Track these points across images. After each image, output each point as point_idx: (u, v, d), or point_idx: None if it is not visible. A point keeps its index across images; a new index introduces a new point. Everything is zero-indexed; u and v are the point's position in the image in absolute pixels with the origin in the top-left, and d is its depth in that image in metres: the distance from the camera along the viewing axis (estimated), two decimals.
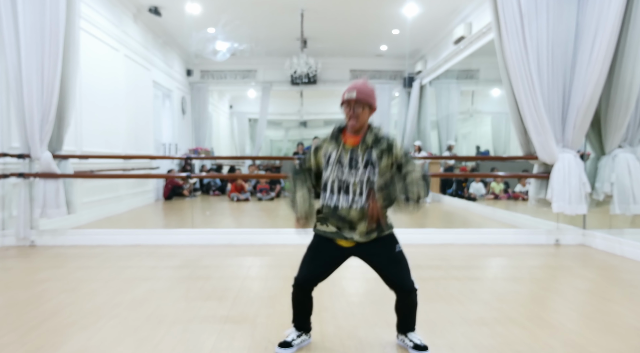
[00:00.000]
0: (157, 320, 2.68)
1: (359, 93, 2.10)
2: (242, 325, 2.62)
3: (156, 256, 4.48)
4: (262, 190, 10.38)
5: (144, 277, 3.66)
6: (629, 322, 2.65)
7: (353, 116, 2.12)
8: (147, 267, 4.02)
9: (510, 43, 4.79)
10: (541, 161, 4.97)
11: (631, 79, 4.52)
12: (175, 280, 3.60)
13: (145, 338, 2.41)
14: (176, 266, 4.08)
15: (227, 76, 12.60)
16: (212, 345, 2.34)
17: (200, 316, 2.75)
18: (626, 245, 4.47)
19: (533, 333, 2.49)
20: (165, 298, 3.10)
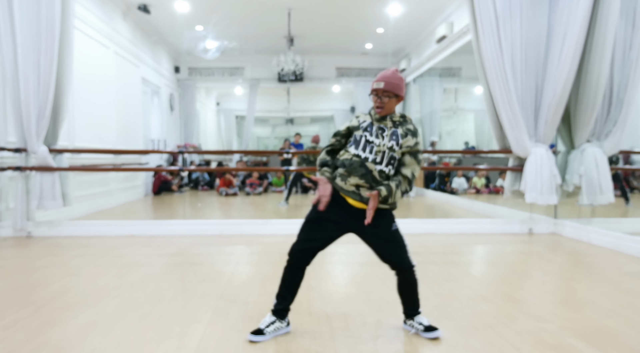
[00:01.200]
0: (156, 298, 2.91)
1: (387, 84, 2.24)
2: (236, 302, 2.85)
3: (151, 245, 4.69)
4: (251, 185, 10.59)
5: (140, 263, 3.87)
6: (585, 297, 2.94)
7: (380, 104, 2.26)
8: (143, 255, 4.23)
9: (487, 43, 5.08)
10: (515, 154, 5.28)
11: (597, 77, 4.83)
12: (171, 266, 3.82)
13: (147, 313, 2.64)
14: (170, 253, 4.30)
15: (214, 73, 12.74)
16: (209, 318, 2.57)
17: (197, 295, 2.98)
18: (592, 233, 4.79)
19: (499, 306, 2.77)
20: (162, 281, 3.32)
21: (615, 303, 2.81)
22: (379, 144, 2.23)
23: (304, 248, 2.32)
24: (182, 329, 2.41)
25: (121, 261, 3.95)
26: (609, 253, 4.28)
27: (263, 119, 16.95)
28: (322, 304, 2.83)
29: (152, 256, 4.17)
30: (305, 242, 2.32)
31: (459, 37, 8.23)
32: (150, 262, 3.93)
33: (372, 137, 2.25)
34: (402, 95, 2.29)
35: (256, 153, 14.82)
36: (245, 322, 2.53)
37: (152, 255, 4.22)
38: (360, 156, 2.23)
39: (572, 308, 2.73)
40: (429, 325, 2.34)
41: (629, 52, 4.98)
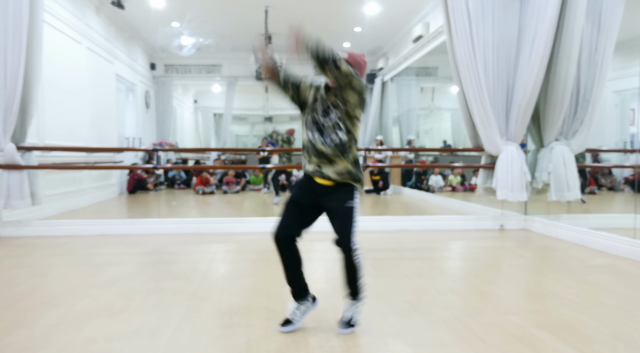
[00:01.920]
0: (128, 297, 2.89)
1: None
2: (209, 299, 2.85)
3: (123, 244, 4.64)
4: (228, 183, 10.54)
5: (112, 262, 3.83)
6: (549, 289, 3.03)
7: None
8: (115, 254, 4.19)
9: (460, 44, 5.17)
10: (487, 152, 5.38)
11: (565, 77, 4.96)
12: (144, 265, 3.79)
13: (118, 312, 2.62)
14: (144, 252, 4.26)
15: (191, 70, 12.63)
16: (182, 316, 2.57)
17: (170, 293, 2.97)
18: (560, 228, 4.93)
19: (468, 300, 2.84)
20: (135, 280, 3.29)
21: (577, 295, 2.90)
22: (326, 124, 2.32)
23: (279, 226, 2.36)
24: (153, 327, 2.40)
25: (92, 261, 3.90)
26: (575, 248, 4.41)
27: (242, 117, 16.87)
28: None
29: (124, 255, 4.13)
30: (283, 222, 2.36)
31: (435, 37, 8.33)
32: (122, 261, 3.89)
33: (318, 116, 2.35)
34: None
35: (232, 150, 14.72)
36: (217, 318, 2.53)
37: (124, 254, 4.18)
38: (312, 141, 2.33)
39: (537, 301, 2.81)
40: (348, 319, 2.37)
41: (595, 54, 5.13)
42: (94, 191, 8.52)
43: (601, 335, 2.27)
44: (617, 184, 8.40)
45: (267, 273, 3.46)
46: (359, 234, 2.33)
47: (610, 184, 8.34)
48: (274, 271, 3.53)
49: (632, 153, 7.56)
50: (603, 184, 8.48)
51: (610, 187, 8.30)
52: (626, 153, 7.72)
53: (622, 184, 8.40)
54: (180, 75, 12.61)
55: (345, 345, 2.20)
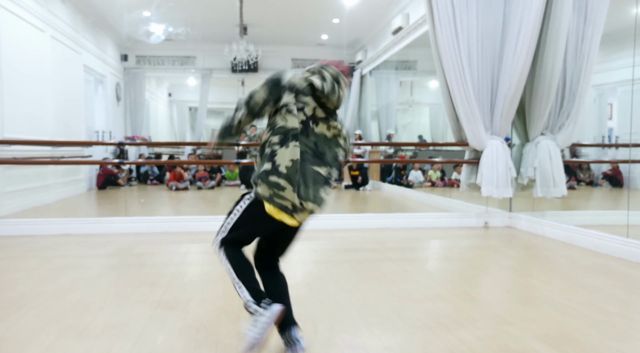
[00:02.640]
0: (83, 307, 2.58)
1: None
2: (174, 309, 2.57)
3: (86, 245, 4.30)
4: (202, 179, 10.18)
5: (71, 266, 3.51)
6: (544, 294, 2.84)
7: None
8: (76, 256, 3.85)
9: (443, 34, 4.95)
10: (471, 147, 5.20)
11: (552, 69, 4.80)
12: (106, 268, 3.47)
13: (69, 326, 2.32)
14: (107, 254, 3.94)
15: (164, 61, 12.19)
16: (142, 330, 2.28)
17: (131, 302, 2.68)
18: (546, 226, 4.78)
19: (458, 307, 2.62)
20: (93, 286, 2.98)
21: (574, 301, 2.71)
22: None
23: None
24: (108, 344, 2.11)
25: (49, 264, 3.57)
26: (563, 247, 4.26)
27: (218, 111, 16.46)
28: None
29: (85, 258, 3.80)
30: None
31: (415, 28, 8.13)
32: (82, 264, 3.57)
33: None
34: None
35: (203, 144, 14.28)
36: (182, 333, 2.26)
37: (86, 257, 3.84)
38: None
39: (533, 308, 2.61)
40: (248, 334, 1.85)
41: (581, 45, 4.97)
42: (60, 187, 8.07)
43: (610, 350, 2.08)
44: (595, 179, 8.39)
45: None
46: (337, 232, 2.08)
47: (589, 179, 8.31)
48: None
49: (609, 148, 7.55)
50: (582, 179, 8.44)
51: (588, 182, 8.27)
52: (604, 148, 7.70)
53: (600, 179, 8.39)
54: (152, 67, 12.15)
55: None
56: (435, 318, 2.43)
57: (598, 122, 7.52)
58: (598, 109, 7.37)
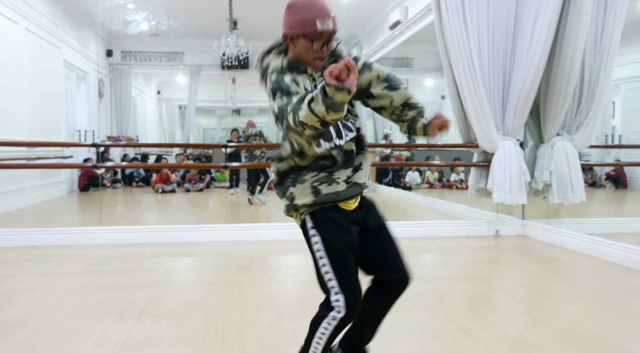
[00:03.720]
0: (30, 349, 2.10)
1: (335, 21, 1.47)
2: (142, 349, 2.10)
3: (53, 260, 3.81)
4: (191, 181, 9.68)
5: (29, 289, 3.02)
6: (587, 327, 2.39)
7: (324, 53, 1.48)
8: (37, 275, 3.36)
9: (451, 24, 4.50)
10: (482, 149, 4.75)
11: (571, 64, 4.37)
12: (70, 291, 2.98)
13: None
14: (75, 272, 3.45)
15: (151, 57, 11.66)
16: None
17: (90, 341, 2.20)
18: (566, 236, 4.34)
19: (488, 345, 2.17)
20: (49, 317, 2.50)
21: (627, 338, 2.26)
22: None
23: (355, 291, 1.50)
24: None
25: (4, 286, 3.08)
26: (589, 261, 3.82)
27: (209, 109, 15.96)
28: (260, 350, 2.13)
29: (48, 277, 3.31)
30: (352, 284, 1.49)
31: (414, 22, 7.69)
32: (43, 286, 3.08)
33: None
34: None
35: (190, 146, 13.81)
36: None
37: (49, 275, 3.35)
38: (339, 146, 1.50)
39: (580, 347, 2.16)
40: None
41: (601, 37, 4.55)
42: (37, 190, 7.55)
43: None
44: (598, 180, 8.04)
45: (226, 304, 2.72)
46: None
47: (592, 180, 7.96)
48: (235, 300, 2.79)
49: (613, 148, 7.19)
50: (585, 180, 8.07)
51: (591, 183, 7.92)
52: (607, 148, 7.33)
53: (604, 180, 8.03)
54: (139, 63, 11.62)
55: None
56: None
57: (601, 120, 7.16)
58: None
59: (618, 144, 7.29)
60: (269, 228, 4.73)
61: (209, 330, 2.34)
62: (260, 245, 4.37)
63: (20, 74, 6.98)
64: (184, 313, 2.58)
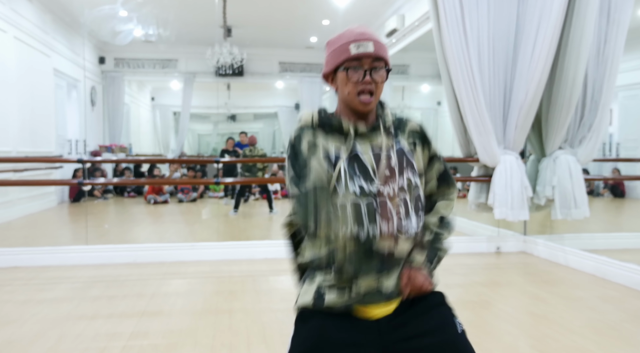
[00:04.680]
0: None
1: (378, 46, 1.20)
2: None
3: (34, 284, 3.62)
4: (184, 190, 9.49)
5: (5, 321, 2.83)
6: None
7: (371, 85, 1.18)
8: (16, 303, 3.17)
9: (450, 33, 4.35)
10: (482, 162, 4.60)
11: (574, 76, 4.23)
12: (48, 322, 2.80)
13: None
14: (56, 298, 3.26)
15: (144, 64, 11.50)
16: None
17: None
18: (570, 254, 4.19)
19: None
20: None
21: None
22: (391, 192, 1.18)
23: None
24: None
25: None
26: (596, 283, 3.67)
27: (203, 115, 15.80)
28: None
29: (27, 305, 3.12)
30: None
31: (411, 30, 7.56)
32: (20, 316, 2.89)
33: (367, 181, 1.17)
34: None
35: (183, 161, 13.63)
36: None
37: (28, 303, 3.17)
38: (359, 236, 1.16)
39: None
40: None
41: (604, 48, 4.42)
42: (25, 202, 7.35)
43: None
44: (595, 188, 7.92)
45: (215, 338, 2.54)
46: None
47: (589, 188, 7.83)
48: (224, 332, 2.62)
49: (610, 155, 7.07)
50: None
51: (589, 191, 7.80)
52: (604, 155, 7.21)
53: (602, 189, 7.92)
54: (132, 70, 11.45)
55: None
56: None
57: None
58: None
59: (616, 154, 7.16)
60: (262, 245, 4.55)
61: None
62: (254, 264, 4.19)
63: (8, 83, 6.80)
64: (168, 350, 2.40)
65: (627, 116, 7.23)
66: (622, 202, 7.56)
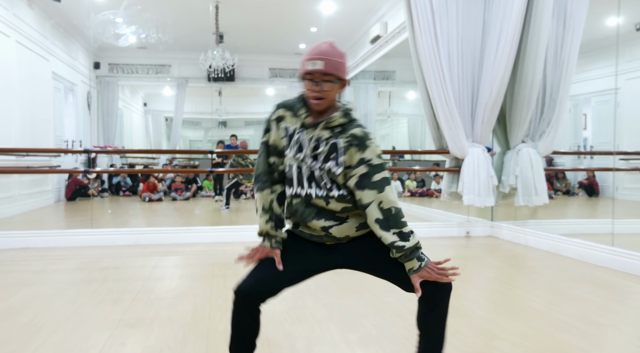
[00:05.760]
0: (33, 329, 2.32)
1: (328, 64, 1.53)
2: (136, 329, 2.34)
3: (46, 259, 4.01)
4: (177, 190, 9.88)
5: (26, 283, 3.23)
6: (534, 306, 2.69)
7: (319, 94, 1.56)
8: (33, 272, 3.57)
9: (423, 39, 4.85)
10: (452, 155, 5.08)
11: (532, 76, 4.73)
12: (65, 284, 3.20)
13: (15, 350, 2.07)
14: (68, 269, 3.66)
15: (138, 70, 11.89)
16: (97, 352, 2.05)
17: (88, 322, 2.43)
18: (530, 235, 4.67)
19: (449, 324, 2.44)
20: (48, 305, 2.72)
21: (564, 313, 2.57)
22: (319, 171, 1.59)
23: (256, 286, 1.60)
24: None
25: (3, 281, 3.28)
26: (549, 256, 4.14)
27: (195, 121, 16.14)
28: None
29: (44, 273, 3.51)
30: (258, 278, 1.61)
31: (394, 37, 8.06)
32: (39, 281, 3.29)
33: (305, 159, 1.60)
34: (346, 78, 1.59)
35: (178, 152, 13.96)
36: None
37: (44, 272, 3.56)
38: (301, 195, 1.62)
39: (522, 321, 2.45)
40: None
41: (561, 51, 4.93)
42: (25, 198, 7.69)
43: None
44: (571, 188, 8.41)
45: (212, 293, 2.96)
46: None
47: (565, 188, 8.33)
48: (220, 289, 3.04)
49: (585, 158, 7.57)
50: (558, 188, 8.45)
51: (565, 191, 8.29)
52: (579, 157, 7.72)
53: (576, 189, 8.42)
54: (126, 75, 11.83)
55: None
56: None
57: (573, 132, 7.55)
58: (573, 120, 7.40)
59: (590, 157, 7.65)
60: (253, 230, 4.96)
61: (197, 312, 2.58)
62: (245, 245, 4.60)
63: (11, 85, 7.17)
64: (173, 300, 2.82)
65: (600, 121, 7.75)
66: (596, 200, 8.04)
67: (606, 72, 7.31)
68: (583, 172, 7.73)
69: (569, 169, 7.48)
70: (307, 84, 1.57)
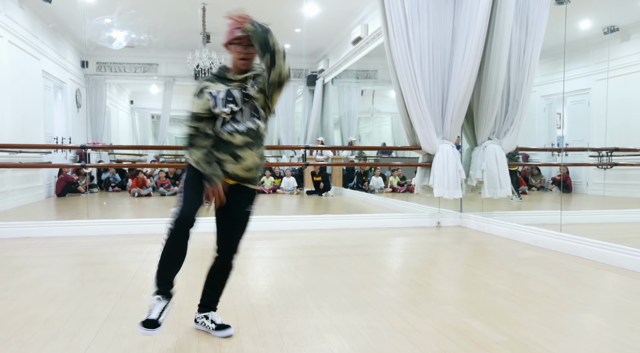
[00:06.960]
0: (49, 299, 2.68)
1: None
2: (138, 298, 2.70)
3: (48, 247, 4.34)
4: (163, 185, 10.18)
5: (34, 265, 3.56)
6: (482, 280, 3.12)
7: (246, 55, 2.05)
8: (38, 256, 3.90)
9: (397, 43, 5.26)
10: (424, 151, 5.51)
11: (496, 78, 5.17)
12: (69, 267, 3.55)
13: (35, 315, 2.42)
14: (70, 254, 4.01)
15: (126, 68, 12.13)
16: (107, 316, 2.41)
17: (95, 293, 2.79)
18: (492, 224, 5.12)
19: (403, 292, 2.86)
20: (58, 281, 3.07)
21: (507, 285, 3.00)
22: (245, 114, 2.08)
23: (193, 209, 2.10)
24: (74, 328, 2.23)
25: (11, 264, 3.61)
26: (507, 242, 4.59)
27: (182, 119, 16.35)
28: (230, 298, 2.76)
29: (48, 258, 3.85)
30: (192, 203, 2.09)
31: (374, 38, 8.47)
32: (45, 263, 3.63)
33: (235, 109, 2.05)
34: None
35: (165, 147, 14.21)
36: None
37: (48, 256, 3.90)
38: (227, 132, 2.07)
39: (470, 291, 2.88)
40: (221, 323, 2.22)
41: (523, 56, 5.38)
42: (17, 193, 7.95)
43: (530, 322, 2.35)
44: (545, 184, 8.90)
45: (202, 272, 3.32)
46: (297, 232, 2.28)
47: (540, 184, 8.81)
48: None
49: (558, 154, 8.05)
50: (533, 184, 8.93)
51: (539, 187, 8.77)
52: (553, 154, 8.21)
53: (550, 185, 8.92)
54: (114, 74, 12.07)
55: (280, 338, 2.14)
56: (381, 301, 2.66)
57: (548, 130, 7.98)
58: (548, 119, 7.82)
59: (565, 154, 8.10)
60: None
61: (189, 286, 2.95)
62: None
63: (3, 83, 7.43)
64: None
65: (575, 120, 8.22)
66: (568, 196, 8.52)
67: (581, 73, 7.79)
68: (557, 168, 8.22)
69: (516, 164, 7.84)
70: (236, 48, 2.06)
